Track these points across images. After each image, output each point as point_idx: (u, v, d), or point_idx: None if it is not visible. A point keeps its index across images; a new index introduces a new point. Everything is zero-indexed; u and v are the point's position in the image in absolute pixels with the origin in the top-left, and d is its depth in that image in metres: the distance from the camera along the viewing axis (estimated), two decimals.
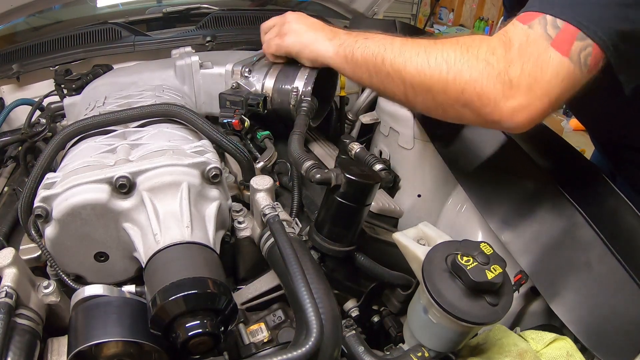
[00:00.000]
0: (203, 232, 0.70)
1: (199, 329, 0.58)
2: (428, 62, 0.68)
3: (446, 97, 0.67)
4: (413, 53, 0.70)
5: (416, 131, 1.16)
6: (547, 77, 0.61)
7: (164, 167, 0.71)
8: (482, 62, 0.63)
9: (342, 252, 0.75)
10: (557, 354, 0.71)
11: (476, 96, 0.64)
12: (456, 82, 0.65)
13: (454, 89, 0.65)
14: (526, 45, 0.62)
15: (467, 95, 0.64)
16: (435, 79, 0.67)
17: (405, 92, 0.73)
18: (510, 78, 0.61)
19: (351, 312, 0.84)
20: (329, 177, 0.70)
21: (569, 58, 0.61)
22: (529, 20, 0.64)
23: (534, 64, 0.61)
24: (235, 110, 1.02)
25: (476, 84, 0.63)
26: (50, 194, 0.67)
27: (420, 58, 0.69)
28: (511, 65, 0.62)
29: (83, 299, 0.65)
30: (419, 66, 0.69)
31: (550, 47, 0.61)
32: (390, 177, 1.19)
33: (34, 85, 1.36)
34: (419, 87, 0.70)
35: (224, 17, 1.51)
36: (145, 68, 1.18)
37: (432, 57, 0.67)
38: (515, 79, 0.61)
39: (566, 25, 0.61)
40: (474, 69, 0.63)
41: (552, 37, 0.62)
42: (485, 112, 0.64)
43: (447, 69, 0.65)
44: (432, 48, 0.68)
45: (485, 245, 0.60)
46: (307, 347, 0.55)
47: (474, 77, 0.63)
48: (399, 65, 0.71)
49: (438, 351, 0.66)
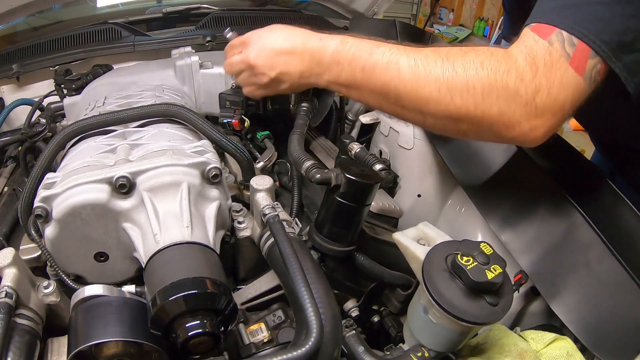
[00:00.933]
0: (203, 232, 0.70)
1: (199, 329, 0.58)
2: (452, 99, 0.61)
3: (471, 128, 0.64)
4: (429, 80, 0.61)
5: (416, 131, 1.16)
6: (567, 98, 0.61)
7: (164, 167, 0.71)
8: (512, 92, 0.59)
9: (342, 252, 0.75)
10: (557, 354, 0.71)
11: (503, 126, 0.62)
12: (484, 118, 0.61)
13: (481, 123, 0.62)
14: (550, 67, 0.60)
15: (495, 127, 0.62)
16: (462, 114, 0.62)
17: (424, 122, 0.67)
18: (537, 105, 0.60)
19: (351, 312, 0.84)
20: (329, 177, 0.70)
21: (584, 77, 0.61)
22: (547, 34, 0.61)
23: (558, 87, 0.60)
24: (235, 110, 1.01)
25: (505, 117, 0.60)
26: (50, 194, 0.67)
27: (442, 93, 0.61)
28: (539, 92, 0.59)
29: (83, 299, 0.64)
30: (442, 103, 0.62)
31: (569, 68, 0.60)
32: (390, 177, 1.18)
33: (34, 85, 1.36)
34: (442, 119, 0.64)
35: (224, 17, 1.51)
36: (145, 68, 1.18)
37: (457, 91, 0.60)
38: (541, 105, 0.60)
39: (580, 43, 0.60)
40: (502, 104, 0.60)
41: (570, 56, 0.60)
42: (506, 135, 0.63)
43: (474, 105, 0.60)
44: (454, 78, 0.60)
45: (485, 245, 0.60)
46: (307, 347, 0.55)
47: (503, 112, 0.60)
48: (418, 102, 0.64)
49: (438, 351, 0.66)
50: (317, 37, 0.71)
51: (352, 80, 0.68)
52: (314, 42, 0.71)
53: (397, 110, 0.68)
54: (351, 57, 0.67)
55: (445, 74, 0.60)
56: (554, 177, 0.93)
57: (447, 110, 0.62)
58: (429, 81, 0.61)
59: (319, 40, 0.71)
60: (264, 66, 0.73)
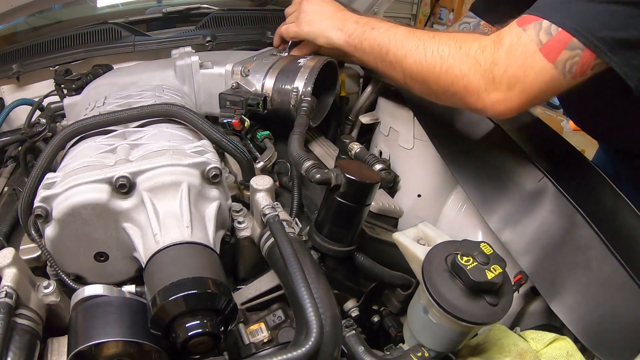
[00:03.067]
0: (203, 232, 0.70)
1: (199, 329, 0.58)
2: (425, 56, 0.75)
3: (438, 87, 0.76)
4: (413, 46, 0.77)
5: (416, 131, 1.16)
6: (529, 79, 0.67)
7: (164, 167, 0.70)
8: (472, 59, 0.70)
9: (342, 252, 0.75)
10: (557, 354, 0.71)
11: (463, 88, 0.72)
12: (447, 75, 0.73)
13: (445, 81, 0.74)
14: (515, 47, 0.68)
15: (456, 87, 0.73)
16: (430, 72, 0.75)
17: (404, 80, 0.82)
18: (494, 75, 0.68)
19: (351, 312, 0.84)
20: (329, 177, 0.70)
21: (554, 65, 0.66)
22: (526, 23, 0.68)
23: (518, 66, 0.67)
24: (235, 110, 1.02)
25: (464, 78, 0.71)
26: (50, 194, 0.67)
27: (418, 52, 0.76)
28: (496, 65, 0.68)
29: (83, 299, 0.65)
30: (417, 59, 0.77)
31: (538, 52, 0.66)
32: (390, 177, 1.18)
33: (34, 85, 1.36)
34: (417, 77, 0.79)
35: (224, 17, 1.51)
36: (145, 68, 1.18)
37: (429, 51, 0.75)
38: (497, 77, 0.68)
39: (560, 32, 0.65)
40: (463, 65, 0.71)
41: (543, 43, 0.66)
42: (470, 101, 0.73)
43: (440, 63, 0.73)
44: (430, 42, 0.75)
45: (485, 245, 0.60)
46: (307, 347, 0.55)
47: (462, 72, 0.71)
48: (400, 57, 0.80)
49: (438, 351, 0.66)
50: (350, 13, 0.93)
51: (360, 39, 0.86)
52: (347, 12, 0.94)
53: (385, 67, 0.83)
54: (365, 21, 0.88)
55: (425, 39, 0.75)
56: (554, 177, 0.93)
57: (420, 66, 0.76)
58: (413, 40, 0.76)
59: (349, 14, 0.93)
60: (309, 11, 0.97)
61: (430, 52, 0.75)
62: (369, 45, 0.87)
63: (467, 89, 0.72)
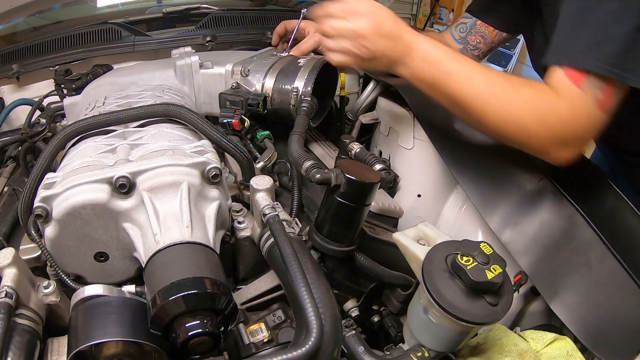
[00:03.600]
0: (203, 232, 0.70)
1: (199, 329, 0.58)
2: (506, 120, 0.75)
3: (508, 140, 0.78)
4: (495, 104, 0.74)
5: (416, 131, 1.16)
6: (592, 134, 0.74)
7: (164, 167, 0.70)
8: (548, 127, 0.72)
9: (342, 252, 0.75)
10: (557, 354, 0.71)
11: (536, 149, 0.77)
12: (520, 133, 0.75)
13: (519, 137, 0.76)
14: (584, 113, 0.71)
15: (527, 143, 0.77)
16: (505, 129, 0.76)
17: (479, 127, 0.81)
18: (565, 140, 0.74)
19: (351, 312, 0.84)
20: (329, 177, 0.70)
21: (607, 113, 0.72)
22: (580, 82, 0.70)
23: (584, 128, 0.73)
24: (235, 110, 1.02)
25: (538, 142, 0.75)
26: (50, 194, 0.67)
27: (498, 114, 0.75)
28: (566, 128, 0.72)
29: (83, 299, 0.65)
30: (497, 120, 0.75)
31: (599, 110, 0.71)
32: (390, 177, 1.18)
33: (34, 85, 1.36)
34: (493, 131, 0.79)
35: (224, 17, 1.51)
36: (145, 68, 1.18)
37: (511, 115, 0.74)
38: (567, 140, 0.74)
39: (607, 85, 0.69)
40: (540, 133, 0.73)
41: (600, 100, 0.70)
42: (538, 154, 0.79)
43: (517, 128, 0.75)
44: (510, 105, 0.74)
45: (485, 245, 0.60)
46: (307, 347, 0.55)
47: (539, 137, 0.74)
48: (480, 114, 0.76)
49: (438, 351, 0.66)
50: (412, 31, 0.79)
51: (432, 82, 0.78)
52: (410, 35, 0.78)
53: (461, 114, 0.80)
54: (435, 61, 0.77)
55: (505, 100, 0.73)
56: (553, 176, 0.93)
57: (499, 126, 0.75)
58: (494, 100, 0.74)
59: (413, 36, 0.78)
60: (370, 41, 0.77)
61: (512, 117, 0.74)
62: (441, 91, 0.80)
63: (539, 149, 0.77)
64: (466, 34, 1.21)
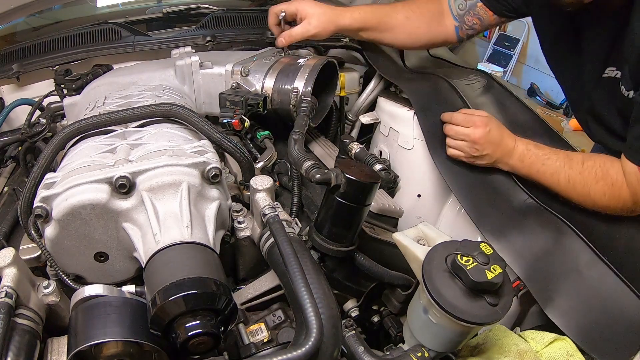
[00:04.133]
0: (203, 232, 0.70)
1: (199, 329, 0.58)
2: (586, 204, 0.94)
3: (602, 209, 0.95)
4: (575, 196, 0.95)
5: (416, 131, 1.16)
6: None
7: (163, 167, 0.70)
8: (618, 208, 0.93)
9: (342, 252, 0.75)
10: (557, 354, 0.71)
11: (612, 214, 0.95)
12: (599, 210, 0.95)
13: (612, 210, 0.94)
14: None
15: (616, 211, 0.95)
16: (590, 208, 0.95)
17: (581, 202, 0.96)
18: (635, 211, 0.93)
19: (351, 312, 0.84)
20: (329, 177, 0.70)
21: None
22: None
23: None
24: (235, 110, 1.02)
25: (613, 213, 0.94)
26: (50, 194, 0.67)
27: (579, 200, 0.95)
28: (636, 208, 0.92)
29: (83, 299, 0.65)
30: (579, 203, 0.95)
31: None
32: (390, 177, 1.18)
33: (34, 85, 1.36)
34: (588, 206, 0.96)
35: (224, 17, 1.51)
36: (145, 68, 1.18)
37: (587, 203, 0.94)
38: (637, 211, 0.93)
39: None
40: (611, 210, 0.93)
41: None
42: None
43: (595, 208, 0.94)
44: (587, 197, 0.94)
45: (485, 245, 0.60)
46: (307, 347, 0.55)
47: (612, 212, 0.94)
48: (566, 197, 0.97)
49: (438, 351, 0.66)
50: (512, 137, 1.01)
51: (528, 175, 1.00)
52: (510, 141, 1.00)
53: (564, 195, 0.97)
54: (529, 162, 0.98)
55: (585, 190, 0.93)
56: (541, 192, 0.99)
57: (585, 206, 0.96)
58: (575, 192, 0.94)
59: (513, 141, 1.00)
60: (480, 147, 1.00)
61: (585, 201, 0.94)
62: (534, 181, 1.00)
63: (614, 215, 0.95)
64: (464, 13, 1.21)
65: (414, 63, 1.43)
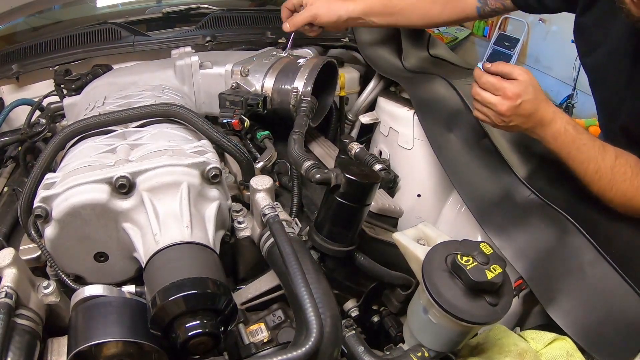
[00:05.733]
0: (203, 232, 0.70)
1: (199, 329, 0.58)
2: (604, 198, 0.91)
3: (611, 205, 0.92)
4: (597, 189, 0.90)
5: (416, 131, 1.16)
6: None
7: (163, 167, 0.70)
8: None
9: (342, 252, 0.75)
10: (557, 354, 0.71)
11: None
12: (618, 207, 0.92)
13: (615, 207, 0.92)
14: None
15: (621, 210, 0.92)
16: (612, 204, 0.91)
17: (599, 195, 0.92)
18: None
19: (351, 312, 0.84)
20: (329, 177, 0.70)
21: None
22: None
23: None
24: (235, 110, 1.02)
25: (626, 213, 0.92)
26: (50, 194, 0.67)
27: (601, 193, 0.90)
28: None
29: (83, 299, 0.64)
30: (600, 195, 0.91)
31: None
32: (390, 177, 1.19)
33: (34, 85, 1.36)
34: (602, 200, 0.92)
35: (223, 17, 1.51)
36: (145, 68, 1.18)
37: (606, 197, 0.90)
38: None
39: None
40: (631, 211, 0.91)
41: None
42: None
43: (612, 205, 0.91)
44: (610, 191, 0.90)
45: (485, 245, 0.60)
46: (307, 347, 0.55)
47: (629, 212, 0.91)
48: (588, 186, 0.92)
49: (438, 351, 0.66)
50: (549, 111, 0.90)
51: (556, 153, 0.92)
52: (546, 115, 0.89)
53: (585, 183, 0.92)
54: (562, 143, 0.90)
55: (608, 186, 0.89)
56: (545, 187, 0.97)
57: (599, 198, 0.92)
58: (598, 184, 0.90)
59: (550, 114, 0.89)
60: (507, 119, 0.90)
61: (606, 196, 0.90)
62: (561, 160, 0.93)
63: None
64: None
65: (413, 63, 1.43)
